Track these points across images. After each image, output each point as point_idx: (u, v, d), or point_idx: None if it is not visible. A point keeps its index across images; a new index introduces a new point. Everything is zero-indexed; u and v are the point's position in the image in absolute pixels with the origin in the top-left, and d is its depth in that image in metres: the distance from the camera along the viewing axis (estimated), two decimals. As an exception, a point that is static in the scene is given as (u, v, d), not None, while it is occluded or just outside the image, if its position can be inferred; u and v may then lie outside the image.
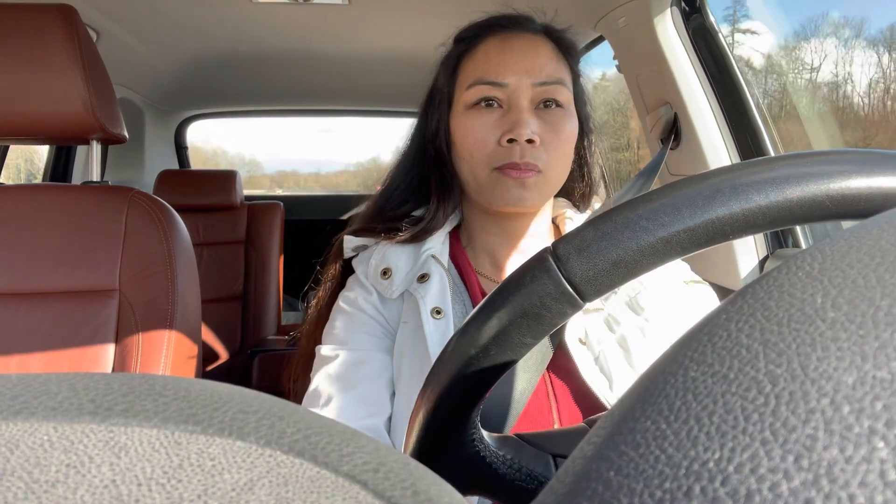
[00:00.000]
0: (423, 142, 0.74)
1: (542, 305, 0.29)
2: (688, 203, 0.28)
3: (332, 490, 0.13)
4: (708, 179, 0.28)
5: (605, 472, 0.13)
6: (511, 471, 0.38)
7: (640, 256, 0.28)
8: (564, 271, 0.29)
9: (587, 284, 0.29)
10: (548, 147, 0.65)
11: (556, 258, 0.29)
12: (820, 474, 0.10)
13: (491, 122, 0.66)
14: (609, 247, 0.28)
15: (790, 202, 0.27)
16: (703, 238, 0.27)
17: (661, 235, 0.28)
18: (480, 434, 0.37)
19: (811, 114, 1.23)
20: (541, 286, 0.29)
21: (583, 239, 0.29)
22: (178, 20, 1.61)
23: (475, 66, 0.68)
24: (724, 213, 0.27)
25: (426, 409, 0.33)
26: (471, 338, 0.31)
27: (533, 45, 0.67)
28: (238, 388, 0.16)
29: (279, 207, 2.34)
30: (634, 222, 0.28)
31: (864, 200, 0.27)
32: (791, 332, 0.13)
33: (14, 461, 0.13)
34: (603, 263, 0.28)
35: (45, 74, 0.95)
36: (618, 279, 0.29)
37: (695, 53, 1.20)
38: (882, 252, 0.14)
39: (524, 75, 0.65)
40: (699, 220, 0.27)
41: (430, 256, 0.68)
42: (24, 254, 1.00)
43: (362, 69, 2.10)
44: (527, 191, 0.65)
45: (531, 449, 0.40)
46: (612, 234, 0.28)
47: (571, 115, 0.68)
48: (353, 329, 0.68)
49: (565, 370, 0.63)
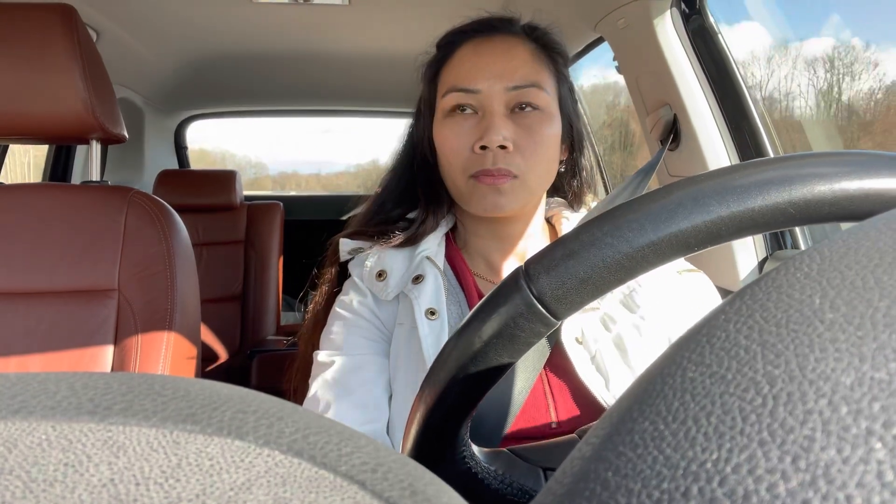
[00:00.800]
0: (413, 147, 0.75)
1: (516, 325, 0.30)
2: (651, 218, 0.28)
3: (330, 490, 0.13)
4: (671, 193, 0.28)
5: (603, 472, 0.13)
6: (503, 486, 0.38)
7: (607, 273, 0.28)
8: (535, 291, 0.29)
9: (557, 303, 0.29)
10: (523, 151, 0.64)
11: (527, 277, 0.30)
12: (817, 475, 0.10)
13: (465, 130, 0.65)
14: (576, 265, 0.28)
15: (752, 211, 0.27)
16: (668, 251, 0.28)
17: (625, 251, 0.28)
18: (471, 451, 0.37)
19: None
20: (513, 306, 0.29)
21: (552, 258, 0.29)
22: (178, 20, 1.61)
23: (450, 73, 0.68)
24: (687, 226, 0.27)
25: (416, 428, 0.34)
26: (452, 359, 0.31)
27: (506, 48, 0.66)
28: (237, 387, 0.16)
29: (279, 208, 2.34)
30: (600, 239, 0.28)
31: (828, 205, 0.26)
32: (789, 334, 0.13)
33: (12, 460, 0.13)
34: (571, 282, 0.29)
35: (45, 74, 0.95)
36: (587, 296, 0.29)
37: (694, 55, 1.20)
38: (880, 253, 0.14)
39: (496, 80, 0.64)
40: (662, 233, 0.27)
41: (424, 258, 0.68)
42: (23, 253, 1.00)
43: (362, 69, 2.10)
44: (503, 196, 0.64)
45: (522, 463, 0.40)
46: (579, 252, 0.29)
47: (549, 117, 0.67)
48: (350, 333, 0.68)
49: (562, 369, 0.63)
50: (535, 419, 0.61)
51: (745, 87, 1.18)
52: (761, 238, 1.16)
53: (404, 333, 0.66)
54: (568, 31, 1.48)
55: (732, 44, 1.18)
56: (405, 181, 0.75)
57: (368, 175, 4.80)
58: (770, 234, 1.15)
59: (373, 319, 0.68)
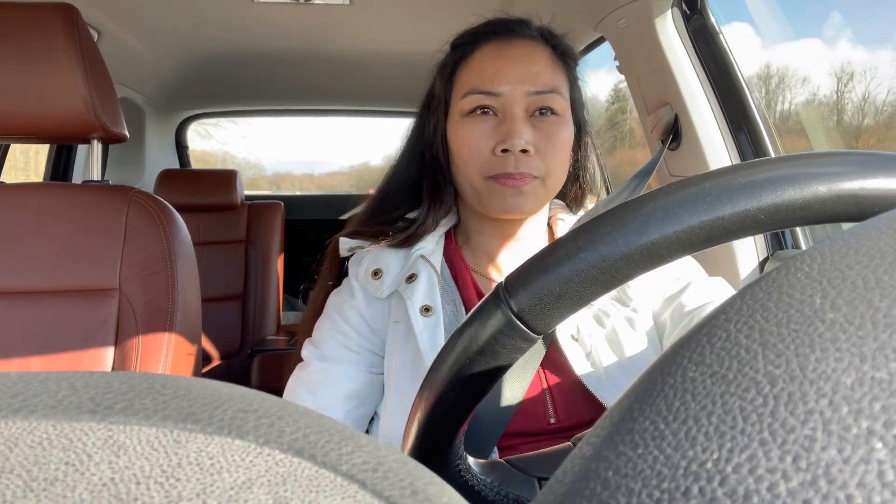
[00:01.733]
0: (420, 145, 0.75)
1: (497, 342, 0.30)
2: (623, 231, 0.27)
3: (330, 489, 0.13)
4: (644, 205, 0.28)
5: (604, 472, 0.13)
6: (499, 497, 0.38)
7: (582, 288, 0.28)
8: (514, 307, 0.29)
9: (536, 319, 0.29)
10: (543, 155, 0.66)
11: (506, 293, 0.29)
12: (818, 475, 0.10)
13: (486, 131, 0.66)
14: (552, 281, 0.28)
15: (722, 219, 0.27)
16: (641, 264, 0.28)
17: (600, 266, 0.28)
18: (467, 464, 0.37)
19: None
20: (494, 322, 0.29)
21: (529, 274, 0.29)
22: (180, 20, 1.61)
23: (470, 75, 0.68)
24: (658, 237, 0.27)
25: (412, 444, 0.34)
26: (440, 376, 0.31)
27: (528, 53, 0.67)
28: (237, 387, 0.16)
29: (279, 207, 2.34)
30: (574, 254, 0.28)
31: (798, 209, 0.26)
32: (790, 333, 0.13)
33: (13, 459, 0.13)
34: (548, 298, 0.28)
35: (46, 73, 0.95)
36: (565, 311, 0.29)
37: (695, 54, 1.20)
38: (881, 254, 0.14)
39: (519, 84, 0.65)
40: (634, 246, 0.27)
41: (419, 257, 0.69)
42: (24, 252, 1.00)
43: (363, 69, 2.10)
44: (523, 198, 0.65)
45: (518, 474, 0.40)
46: (555, 267, 0.28)
47: (566, 122, 0.68)
48: (332, 335, 0.70)
49: (559, 366, 0.64)
50: (534, 416, 0.63)
51: (747, 86, 1.18)
52: (762, 238, 1.16)
53: (401, 331, 0.67)
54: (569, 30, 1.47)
55: (732, 43, 1.18)
56: (409, 178, 0.75)
57: (361, 175, 4.80)
58: (771, 234, 1.15)
59: (359, 326, 0.70)
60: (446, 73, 0.72)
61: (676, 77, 1.20)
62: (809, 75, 1.40)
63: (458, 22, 0.74)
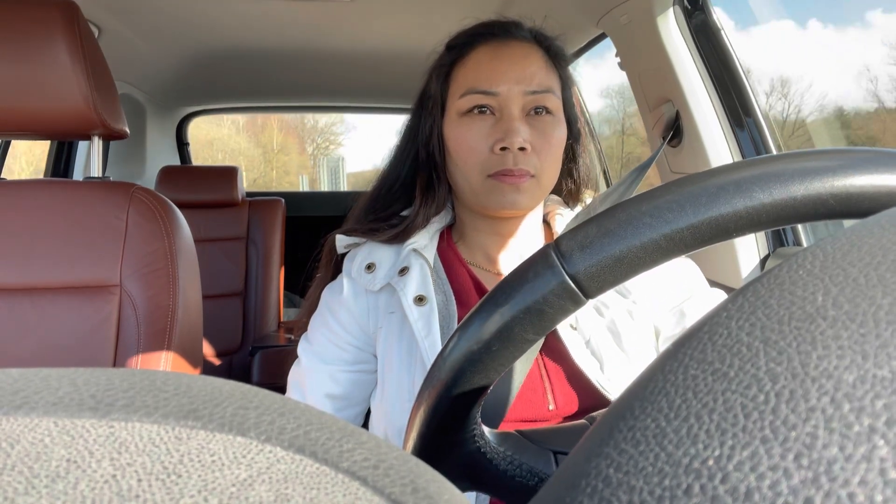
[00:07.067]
0: (414, 144, 0.76)
1: (545, 301, 0.29)
2: (692, 200, 0.27)
3: (331, 486, 0.13)
4: (715, 176, 0.28)
5: (605, 468, 0.13)
6: (512, 467, 0.38)
7: (643, 253, 0.28)
8: (567, 267, 0.28)
9: (590, 281, 0.28)
10: (539, 153, 0.68)
11: (559, 254, 0.29)
12: (820, 472, 0.10)
13: (483, 130, 0.68)
14: (612, 243, 0.28)
15: (794, 200, 0.26)
16: (707, 235, 0.27)
17: (664, 232, 0.27)
18: (482, 430, 0.37)
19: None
20: (543, 282, 0.29)
21: (586, 235, 0.29)
22: (180, 16, 1.61)
23: (467, 75, 0.70)
24: (728, 211, 0.27)
25: (427, 405, 0.33)
26: (472, 334, 0.30)
27: (524, 54, 0.70)
28: (238, 384, 0.16)
29: (280, 204, 2.34)
30: (638, 219, 0.28)
31: (868, 199, 0.26)
32: (792, 331, 0.13)
33: (15, 456, 0.13)
34: (606, 260, 0.28)
35: (47, 70, 0.95)
36: (620, 276, 0.28)
37: (697, 51, 1.20)
38: (883, 250, 0.14)
39: (515, 84, 0.67)
40: (703, 216, 0.27)
41: (411, 250, 0.71)
42: (24, 249, 1.00)
43: (364, 65, 2.10)
44: (521, 195, 0.67)
45: (532, 446, 0.40)
46: (616, 230, 0.28)
47: (560, 121, 0.71)
48: (321, 331, 0.73)
49: (558, 353, 0.66)
50: (533, 402, 0.64)
51: (748, 83, 1.17)
52: (763, 235, 1.16)
53: (395, 322, 0.69)
54: (570, 26, 1.47)
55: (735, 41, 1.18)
56: (403, 176, 0.77)
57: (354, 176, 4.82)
58: (772, 231, 1.14)
59: (347, 323, 0.71)
60: (442, 74, 0.73)
61: (678, 74, 1.20)
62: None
63: (459, 18, 0.74)
